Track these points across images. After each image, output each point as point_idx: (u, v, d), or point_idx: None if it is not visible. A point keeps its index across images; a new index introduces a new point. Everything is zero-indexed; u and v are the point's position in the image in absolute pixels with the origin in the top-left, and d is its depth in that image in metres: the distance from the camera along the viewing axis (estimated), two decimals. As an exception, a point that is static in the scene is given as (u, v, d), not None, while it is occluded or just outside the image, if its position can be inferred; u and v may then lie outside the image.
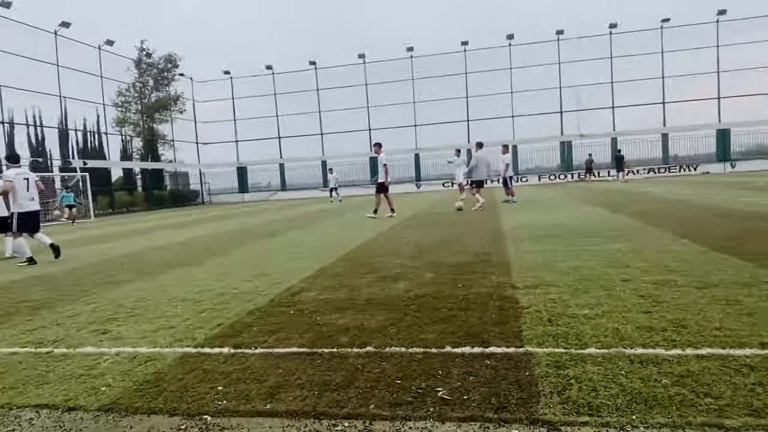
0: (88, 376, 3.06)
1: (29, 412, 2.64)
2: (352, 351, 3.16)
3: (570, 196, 17.19)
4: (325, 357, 3.10)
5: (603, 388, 2.41)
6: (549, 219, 10.15)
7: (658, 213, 9.86)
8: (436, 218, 12.16)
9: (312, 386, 2.68)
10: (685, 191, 16.13)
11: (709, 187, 17.77)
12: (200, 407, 2.54)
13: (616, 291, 4.17)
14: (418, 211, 14.96)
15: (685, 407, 2.19)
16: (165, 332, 3.87)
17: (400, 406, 2.40)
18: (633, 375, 2.53)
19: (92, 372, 3.13)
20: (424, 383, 2.62)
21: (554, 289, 4.38)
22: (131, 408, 2.58)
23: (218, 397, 2.63)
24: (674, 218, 8.85)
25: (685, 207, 10.81)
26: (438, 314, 3.83)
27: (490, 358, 2.89)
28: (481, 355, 2.94)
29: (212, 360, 3.19)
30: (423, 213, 14.19)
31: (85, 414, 2.57)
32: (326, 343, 3.34)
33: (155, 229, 15.37)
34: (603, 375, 2.56)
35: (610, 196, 15.69)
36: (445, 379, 2.66)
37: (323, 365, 2.96)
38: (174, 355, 3.33)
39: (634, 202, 12.78)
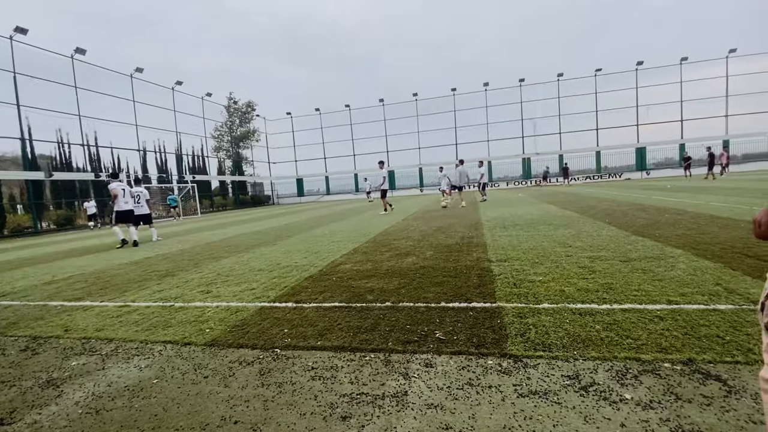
0: (197, 322, 3.13)
1: (159, 346, 2.72)
2: (376, 305, 3.18)
3: (530, 197, 16.90)
4: (357, 309, 3.12)
5: (553, 332, 2.38)
6: (515, 213, 10.01)
7: (593, 208, 9.64)
8: (433, 213, 12.09)
9: (349, 329, 2.71)
10: (612, 192, 15.70)
11: (630, 189, 17.27)
12: (272, 343, 2.58)
13: (562, 264, 4.09)
14: (421, 208, 14.89)
15: (612, 346, 2.15)
16: (248, 292, 3.94)
17: (410, 343, 2.41)
18: (574, 323, 2.50)
19: (200, 319, 3.21)
20: (426, 328, 2.62)
21: (518, 262, 4.33)
22: (226, 343, 2.64)
23: (284, 337, 2.68)
24: (604, 211, 8.63)
25: (612, 204, 10.54)
26: (435, 280, 3.82)
27: (472, 311, 2.87)
28: (466, 309, 2.93)
29: (280, 311, 3.24)
30: (424, 210, 14.12)
31: (196, 347, 2.64)
32: (358, 300, 3.36)
33: (239, 222, 15.61)
34: (553, 323, 2.52)
35: (559, 197, 15.37)
36: (440, 325, 2.66)
37: (356, 315, 2.99)
38: (254, 308, 3.39)
39: (576, 201, 12.51)
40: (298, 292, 3.76)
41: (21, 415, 1.94)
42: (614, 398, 1.69)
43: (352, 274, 4.38)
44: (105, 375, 2.32)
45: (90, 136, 23.66)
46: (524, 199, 15.80)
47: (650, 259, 4.01)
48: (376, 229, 8.82)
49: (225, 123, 37.93)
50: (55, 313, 3.74)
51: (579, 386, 1.80)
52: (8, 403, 2.07)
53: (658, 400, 1.65)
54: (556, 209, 10.15)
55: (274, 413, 1.78)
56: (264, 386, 2.03)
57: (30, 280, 5.75)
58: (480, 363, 2.09)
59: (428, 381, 1.96)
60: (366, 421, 1.67)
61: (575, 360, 2.03)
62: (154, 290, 4.36)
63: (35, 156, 20.77)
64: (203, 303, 3.67)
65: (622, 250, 4.50)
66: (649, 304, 2.72)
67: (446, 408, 1.72)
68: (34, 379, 2.34)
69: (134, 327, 3.13)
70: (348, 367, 2.17)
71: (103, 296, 4.27)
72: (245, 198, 38.41)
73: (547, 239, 5.65)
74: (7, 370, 2.51)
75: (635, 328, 2.35)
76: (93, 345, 2.83)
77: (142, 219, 9.87)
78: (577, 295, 3.02)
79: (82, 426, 1.80)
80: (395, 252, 5.55)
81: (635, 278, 3.36)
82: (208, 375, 2.21)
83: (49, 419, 1.88)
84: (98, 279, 5.34)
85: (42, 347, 2.88)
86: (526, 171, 37.09)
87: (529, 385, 1.84)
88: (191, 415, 1.82)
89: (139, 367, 2.40)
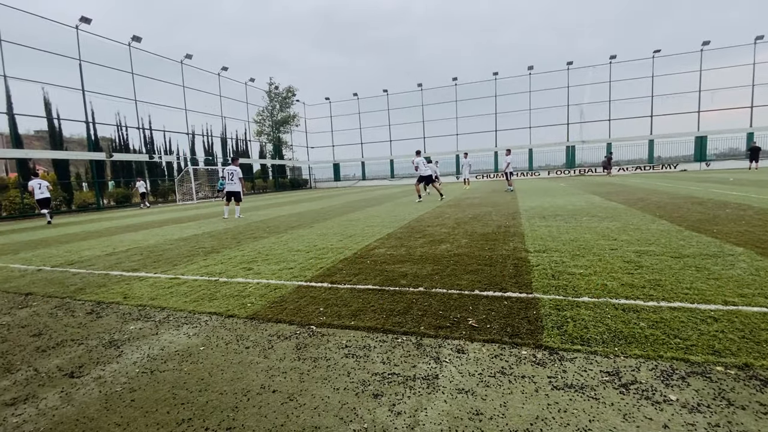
0: (239, 296, 3.30)
1: (205, 316, 2.90)
2: (409, 290, 3.19)
3: (572, 186, 16.10)
4: (390, 293, 3.15)
5: (592, 327, 2.29)
6: (555, 203, 9.59)
7: (642, 200, 9.03)
8: (469, 201, 11.84)
9: (381, 312, 2.74)
10: (665, 183, 14.60)
11: (686, 180, 15.97)
12: (309, 320, 2.67)
13: (606, 257, 3.89)
14: (457, 196, 14.64)
15: (658, 344, 2.03)
16: (286, 271, 4.08)
17: (442, 328, 2.40)
18: (616, 318, 2.38)
19: (242, 294, 3.37)
20: (459, 314, 2.61)
21: (557, 253, 4.16)
22: (265, 318, 2.77)
23: (320, 315, 2.76)
24: (655, 204, 8.06)
25: (665, 196, 9.81)
26: (470, 268, 3.77)
27: (506, 300, 2.81)
28: (500, 298, 2.87)
29: (316, 291, 3.33)
30: (460, 197, 13.87)
31: (238, 320, 2.79)
32: (391, 284, 3.39)
33: (278, 204, 16.11)
34: (593, 317, 2.42)
35: (605, 187, 14.54)
36: (473, 312, 2.63)
37: (389, 298, 3.02)
38: (292, 286, 3.51)
39: (623, 192, 11.77)
40: (333, 273, 3.85)
41: (88, 370, 2.16)
42: (657, 398, 1.61)
43: (386, 258, 4.41)
44: (158, 340, 2.52)
45: (144, 120, 25.22)
46: (566, 189, 15.08)
47: (706, 256, 3.71)
48: (410, 215, 8.79)
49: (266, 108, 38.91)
50: (116, 282, 4.08)
51: (619, 383, 1.72)
52: (77, 359, 2.31)
53: (707, 404, 1.55)
54: (600, 200, 9.62)
55: (309, 386, 1.85)
56: (300, 360, 2.12)
57: (94, 251, 6.30)
58: (513, 352, 2.06)
59: (459, 366, 1.95)
60: (397, 400, 1.70)
61: (616, 356, 1.94)
62: (201, 265, 4.64)
63: (98, 138, 22.47)
64: (245, 279, 3.85)
65: (673, 246, 4.20)
66: (702, 304, 2.53)
67: (477, 394, 1.71)
68: (98, 339, 2.59)
69: (183, 298, 3.35)
70: (380, 347, 2.21)
71: (156, 268, 4.59)
72: (284, 181, 39.54)
73: (589, 231, 5.38)
74: (77, 330, 2.78)
75: (685, 327, 2.20)
76: (148, 312, 3.07)
77: (233, 195, 10.44)
78: (621, 290, 2.87)
79: (139, 383, 1.97)
80: (429, 238, 5.52)
81: (687, 275, 3.13)
82: (249, 346, 2.33)
83: (111, 375, 2.08)
84: (152, 253, 5.74)
85: (105, 311, 3.16)
86: (570, 160, 35.25)
87: (565, 378, 1.79)
88: (233, 381, 1.94)
89: (188, 334, 2.58)
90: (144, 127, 25.21)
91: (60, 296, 3.68)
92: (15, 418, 1.73)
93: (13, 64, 18.00)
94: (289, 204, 15.73)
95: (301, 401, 1.73)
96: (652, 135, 32.99)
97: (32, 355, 2.40)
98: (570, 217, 6.96)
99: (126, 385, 1.96)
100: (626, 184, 16.23)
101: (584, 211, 7.70)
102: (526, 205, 9.44)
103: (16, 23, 18.15)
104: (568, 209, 8.12)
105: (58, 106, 20.38)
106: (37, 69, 19.21)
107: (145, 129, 25.34)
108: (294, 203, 16.02)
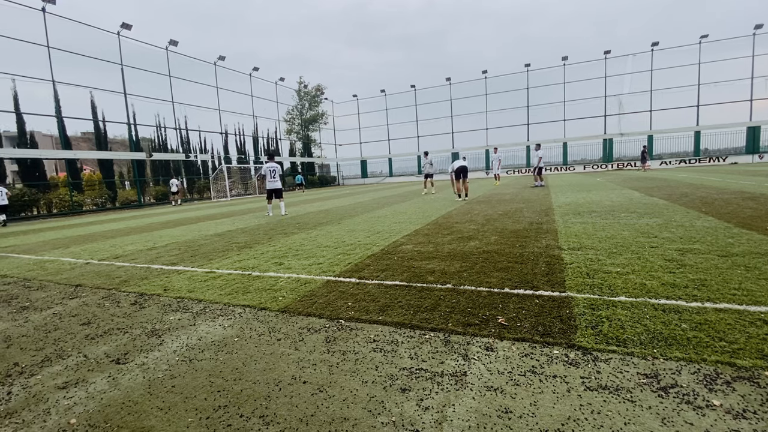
0: (271, 290, 3.41)
1: (239, 308, 3.02)
2: (437, 287, 3.19)
3: (609, 181, 15.40)
4: (417, 289, 3.16)
5: (630, 327, 2.20)
6: (591, 199, 9.22)
7: (686, 195, 8.51)
8: (499, 197, 11.60)
9: (409, 308, 2.76)
10: (712, 177, 13.68)
11: (736, 174, 14.90)
12: (337, 314, 2.73)
13: (645, 255, 3.71)
14: (486, 192, 14.37)
15: (701, 347, 1.93)
16: (316, 266, 4.17)
17: (470, 326, 2.39)
18: (656, 319, 2.28)
19: (274, 288, 3.48)
20: (488, 312, 2.58)
21: (592, 251, 4.02)
22: (296, 311, 2.85)
23: (348, 309, 2.81)
24: (701, 199, 7.58)
25: (711, 191, 9.21)
26: (500, 265, 3.71)
27: (538, 299, 2.75)
28: (531, 296, 2.82)
29: (344, 286, 3.39)
30: (490, 193, 13.61)
31: (270, 312, 2.89)
32: (419, 280, 3.39)
33: (307, 201, 16.41)
34: (630, 317, 2.33)
35: (645, 182, 13.81)
36: (503, 310, 2.59)
37: (416, 294, 3.03)
38: (321, 280, 3.59)
39: (665, 187, 11.14)
40: (361, 269, 3.90)
41: (132, 357, 2.31)
42: (699, 403, 1.53)
43: (413, 254, 4.42)
44: (196, 330, 2.66)
45: (181, 120, 26.38)
46: (603, 183, 14.45)
47: (757, 255, 3.47)
48: (437, 212, 8.73)
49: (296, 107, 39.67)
50: (156, 275, 4.32)
51: (657, 386, 1.66)
52: (123, 347, 2.47)
53: (754, 410, 1.46)
54: (640, 195, 9.15)
55: (338, 378, 1.90)
56: (329, 353, 2.17)
57: (136, 245, 6.69)
58: (545, 352, 2.02)
59: (488, 364, 1.94)
60: (425, 395, 1.71)
61: (655, 359, 1.86)
62: (235, 260, 4.82)
63: (138, 138, 23.76)
64: (276, 273, 3.97)
65: (720, 244, 3.95)
66: (752, 306, 2.37)
67: (506, 392, 1.69)
68: (141, 329, 2.76)
69: (219, 291, 3.51)
70: (408, 343, 2.23)
71: (194, 263, 4.82)
72: (313, 178, 40.22)
73: (627, 228, 5.15)
74: (122, 320, 2.98)
75: (731, 330, 2.08)
76: (186, 304, 3.23)
77: (274, 192, 10.54)
78: (661, 290, 2.73)
79: (179, 371, 2.09)
80: (457, 235, 5.47)
81: (736, 275, 2.95)
82: (281, 338, 2.42)
83: (154, 362, 2.22)
84: (189, 247, 6.03)
85: (147, 302, 3.36)
86: (607, 153, 33.69)
87: (599, 379, 1.74)
88: (266, 371, 2.02)
89: (223, 325, 2.70)
90: (180, 127, 26.39)
91: (106, 288, 3.94)
92: (66, 401, 1.88)
93: (60, 70, 19.32)
94: (317, 201, 16.00)
95: (330, 393, 1.78)
96: (699, 126, 30.96)
97: (82, 342, 2.59)
98: (606, 213, 6.68)
99: (167, 372, 2.09)
100: (668, 178, 15.35)
101: (622, 206, 7.36)
102: (559, 201, 9.13)
103: (63, 31, 19.45)
104: (604, 205, 7.79)
105: (103, 108, 21.74)
106: (82, 73, 20.55)
107: (182, 129, 26.52)
108: (322, 200, 16.28)
